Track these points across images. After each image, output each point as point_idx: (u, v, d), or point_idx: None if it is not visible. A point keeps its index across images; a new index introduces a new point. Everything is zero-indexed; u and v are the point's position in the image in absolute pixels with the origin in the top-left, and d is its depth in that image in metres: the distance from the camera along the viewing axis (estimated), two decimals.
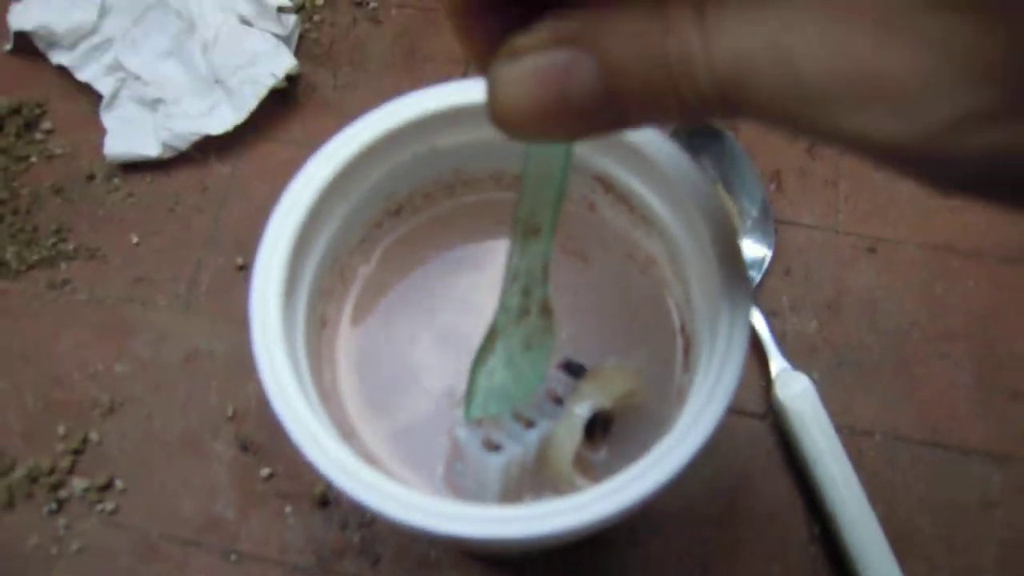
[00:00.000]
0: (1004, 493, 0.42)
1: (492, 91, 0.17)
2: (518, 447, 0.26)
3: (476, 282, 0.32)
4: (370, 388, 0.29)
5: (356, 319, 0.30)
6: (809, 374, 0.43)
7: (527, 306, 0.25)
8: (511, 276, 0.24)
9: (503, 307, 0.25)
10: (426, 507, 0.22)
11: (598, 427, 0.28)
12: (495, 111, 0.17)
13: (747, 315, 0.24)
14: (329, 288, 0.30)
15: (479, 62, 0.18)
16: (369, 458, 0.28)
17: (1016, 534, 0.42)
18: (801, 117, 0.14)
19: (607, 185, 0.30)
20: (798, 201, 0.49)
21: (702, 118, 0.16)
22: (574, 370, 0.28)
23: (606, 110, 0.16)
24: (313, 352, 0.28)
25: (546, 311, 0.26)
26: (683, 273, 0.28)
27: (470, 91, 0.28)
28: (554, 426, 0.27)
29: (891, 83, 0.13)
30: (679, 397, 0.29)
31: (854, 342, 0.45)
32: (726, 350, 0.24)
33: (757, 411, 0.44)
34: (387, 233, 0.31)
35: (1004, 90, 0.13)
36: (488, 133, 0.29)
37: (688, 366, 0.29)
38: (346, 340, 0.30)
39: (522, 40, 0.16)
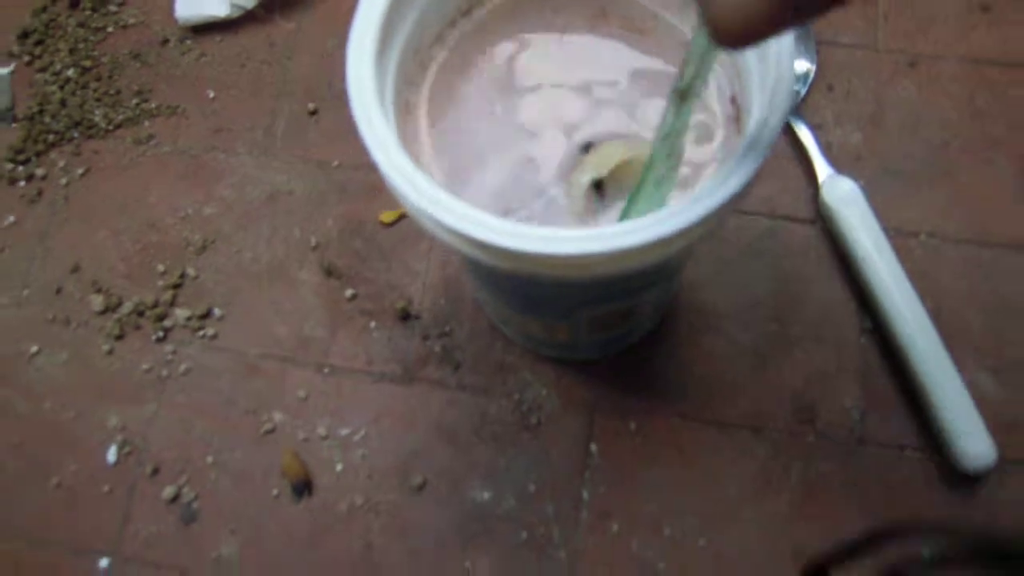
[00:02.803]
0: None
1: (719, 12, 0.17)
2: None
3: (537, 67, 0.34)
4: (449, 163, 0.32)
5: (433, 103, 0.33)
6: (855, 181, 0.45)
7: (671, 160, 0.28)
8: (663, 135, 0.27)
9: (652, 160, 0.28)
10: (522, 232, 0.25)
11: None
12: (718, 24, 0.17)
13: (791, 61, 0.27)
14: (411, 77, 0.33)
15: None
16: None
17: None
18: None
19: None
20: (838, 21, 0.50)
21: None
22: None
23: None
24: (402, 134, 0.31)
25: (679, 159, 0.28)
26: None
27: None
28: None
29: None
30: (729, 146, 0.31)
31: (897, 152, 0.47)
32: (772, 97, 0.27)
33: (807, 217, 0.46)
34: (460, 28, 0.34)
35: None
36: None
37: (740, 129, 0.31)
38: (426, 122, 0.33)
39: None
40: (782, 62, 0.27)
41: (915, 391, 0.42)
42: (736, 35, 0.17)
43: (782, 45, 0.27)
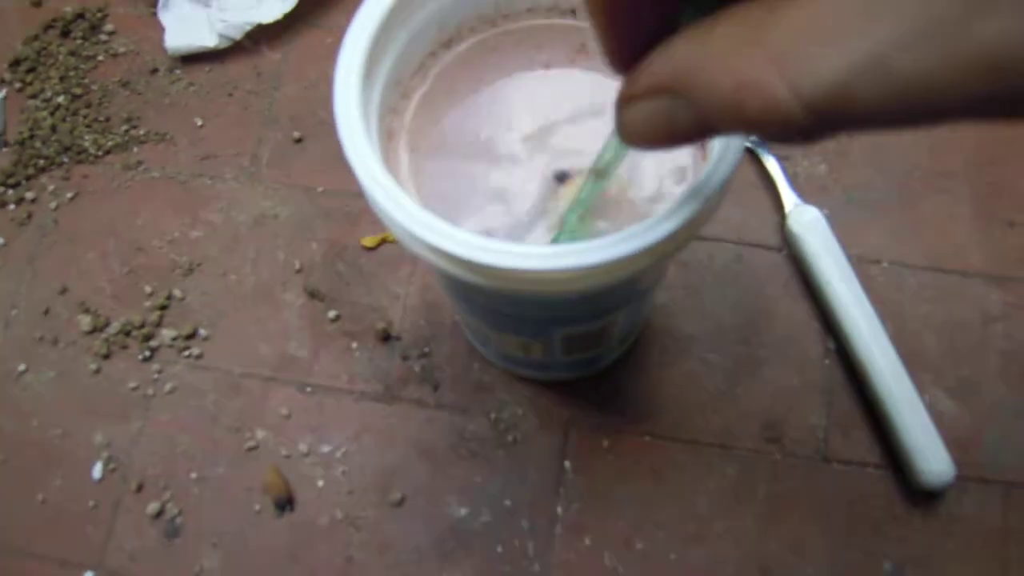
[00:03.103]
0: (1002, 309, 0.47)
1: (620, 127, 0.22)
2: None
3: (517, 99, 0.36)
4: (428, 188, 0.34)
5: (414, 131, 0.35)
6: (820, 210, 0.47)
7: (582, 218, 0.32)
8: (577, 204, 0.31)
9: (565, 219, 0.32)
10: (507, 249, 0.27)
11: None
12: (625, 139, 0.22)
13: None
14: (394, 105, 0.34)
15: (613, 63, 0.22)
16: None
17: (1014, 345, 0.46)
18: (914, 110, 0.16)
19: None
20: None
21: (803, 137, 0.17)
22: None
23: (706, 132, 0.20)
24: (385, 160, 0.33)
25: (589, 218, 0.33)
26: None
27: None
28: None
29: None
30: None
31: (861, 182, 0.49)
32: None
33: (774, 245, 0.48)
34: (440, 60, 0.36)
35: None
36: None
37: (705, 156, 0.33)
38: (406, 149, 0.34)
39: (629, 90, 0.21)
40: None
41: (877, 410, 0.44)
42: (641, 145, 0.22)
43: None
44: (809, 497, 0.43)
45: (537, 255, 0.27)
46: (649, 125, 0.20)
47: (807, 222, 0.47)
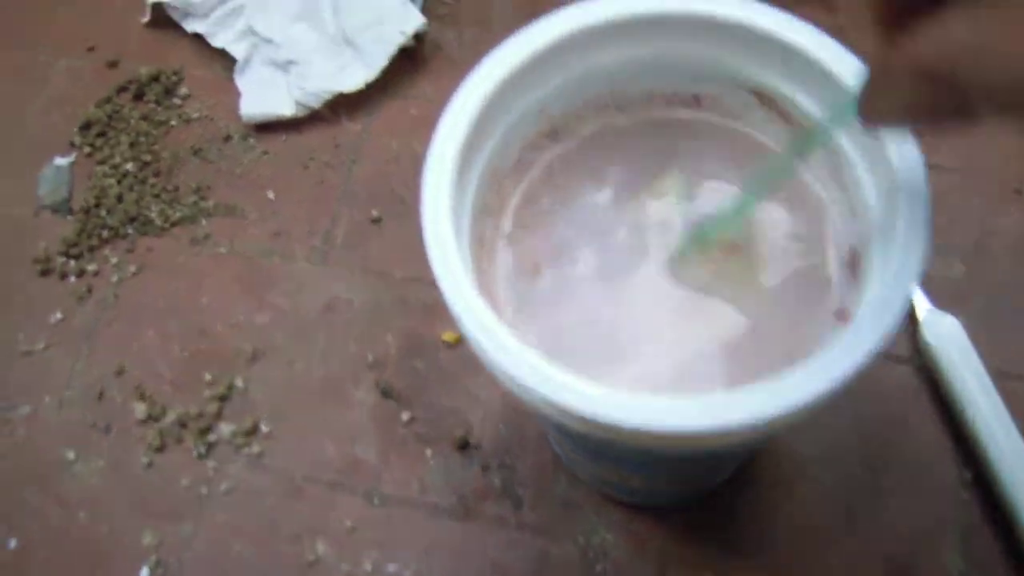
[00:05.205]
0: None
1: (866, 105, 0.22)
2: None
3: (627, 206, 0.31)
4: (522, 303, 0.30)
5: (512, 239, 0.31)
6: (956, 317, 0.42)
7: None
8: (722, 217, 0.29)
9: (702, 227, 0.29)
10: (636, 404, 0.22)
11: None
12: (870, 119, 0.22)
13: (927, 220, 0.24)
14: (489, 205, 0.30)
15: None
16: None
17: None
18: None
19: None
20: (937, 143, 0.47)
21: None
22: None
23: (963, 120, 0.20)
24: (475, 268, 0.28)
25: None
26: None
27: (623, 4, 0.28)
28: None
29: None
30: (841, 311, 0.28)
31: (1003, 285, 0.44)
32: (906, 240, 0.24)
33: (904, 356, 0.43)
34: (543, 154, 0.31)
35: None
36: (643, 51, 0.29)
37: (856, 276, 0.28)
38: (501, 259, 0.30)
39: (891, 71, 0.20)
40: (912, 232, 0.24)
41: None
42: (883, 126, 0.23)
43: (915, 213, 0.24)
44: None
45: (667, 411, 0.22)
46: (906, 115, 0.21)
47: (943, 332, 0.41)
